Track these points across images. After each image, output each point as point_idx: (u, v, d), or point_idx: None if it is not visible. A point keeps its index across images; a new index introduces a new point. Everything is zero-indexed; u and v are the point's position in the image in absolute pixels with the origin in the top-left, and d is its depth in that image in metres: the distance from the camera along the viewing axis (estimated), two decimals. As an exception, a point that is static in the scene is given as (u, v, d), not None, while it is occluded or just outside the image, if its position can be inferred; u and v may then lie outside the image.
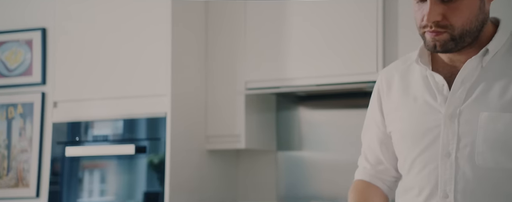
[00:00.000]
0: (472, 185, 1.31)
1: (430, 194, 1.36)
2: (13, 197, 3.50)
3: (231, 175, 3.16)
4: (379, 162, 1.53)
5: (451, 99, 1.36)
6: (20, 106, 3.63)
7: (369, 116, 1.56)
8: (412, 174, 1.41)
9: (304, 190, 3.03)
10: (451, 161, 1.34)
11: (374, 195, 1.52)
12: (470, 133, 1.33)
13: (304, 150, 3.06)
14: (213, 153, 3.01)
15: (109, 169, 2.88)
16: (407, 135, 1.42)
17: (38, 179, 3.47)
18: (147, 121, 2.79)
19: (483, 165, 1.31)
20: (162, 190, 2.70)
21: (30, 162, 3.52)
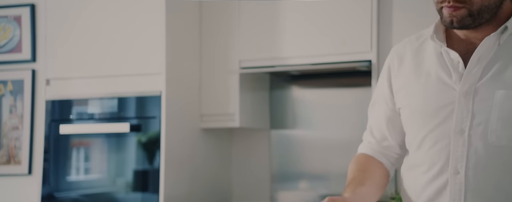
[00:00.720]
0: (483, 162, 1.32)
1: (440, 171, 1.37)
2: (5, 174, 3.50)
3: (225, 153, 3.18)
4: (385, 138, 1.53)
5: (466, 77, 1.35)
6: (10, 83, 3.60)
7: (378, 91, 1.55)
8: (422, 150, 1.41)
9: (297, 168, 3.06)
10: (464, 138, 1.34)
11: (376, 167, 1.51)
12: (484, 110, 1.32)
13: (297, 128, 3.08)
14: (207, 132, 3.02)
15: (103, 147, 2.88)
16: (418, 112, 1.42)
17: (30, 157, 3.47)
18: (142, 99, 2.79)
19: (496, 142, 1.31)
20: (158, 168, 2.71)
21: (22, 139, 3.51)
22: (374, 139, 1.54)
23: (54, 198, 2.92)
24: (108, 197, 2.81)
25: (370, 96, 2.63)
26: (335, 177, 2.95)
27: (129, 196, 2.78)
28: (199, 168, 2.96)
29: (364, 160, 1.53)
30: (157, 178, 2.71)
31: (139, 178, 2.78)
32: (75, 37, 2.95)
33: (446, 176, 1.35)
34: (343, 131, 2.96)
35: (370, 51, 2.66)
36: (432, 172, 1.38)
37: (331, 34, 2.75)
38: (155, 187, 2.71)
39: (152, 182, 2.73)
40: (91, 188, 2.88)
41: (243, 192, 3.16)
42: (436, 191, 1.37)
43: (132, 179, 2.79)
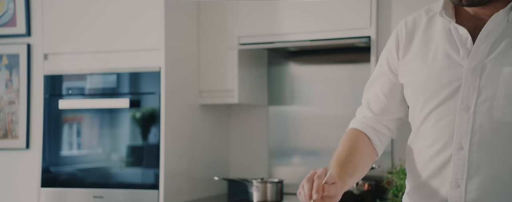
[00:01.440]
0: (487, 138, 1.32)
1: (444, 146, 1.37)
2: (2, 148, 3.51)
3: (223, 129, 3.20)
4: (385, 112, 1.53)
5: (474, 53, 1.35)
6: (5, 57, 3.58)
7: (383, 63, 1.54)
8: (427, 125, 1.41)
9: (294, 143, 3.09)
10: (469, 115, 1.34)
11: (364, 146, 1.51)
12: (491, 87, 1.32)
13: (295, 104, 3.10)
14: (206, 108, 3.03)
15: (102, 123, 2.89)
16: (424, 87, 1.41)
17: (27, 131, 3.47)
18: (141, 75, 2.79)
19: (502, 119, 1.32)
20: (157, 143, 2.72)
21: (18, 114, 3.50)
22: (371, 113, 1.54)
23: (51, 172, 2.93)
24: (106, 172, 2.83)
25: (368, 72, 2.65)
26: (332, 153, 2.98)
27: (128, 171, 2.80)
28: (198, 143, 2.97)
29: (356, 138, 1.52)
30: (157, 153, 2.72)
31: (138, 153, 2.79)
32: (73, 12, 2.92)
33: (450, 151, 1.36)
34: (341, 107, 2.98)
35: (369, 27, 2.65)
36: (436, 147, 1.39)
37: (330, 10, 2.74)
38: (155, 162, 2.73)
39: (152, 157, 2.75)
40: (88, 162, 2.89)
41: (241, 167, 3.19)
42: (439, 166, 1.39)
43: (131, 155, 2.81)
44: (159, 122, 2.73)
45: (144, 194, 2.72)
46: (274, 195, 2.67)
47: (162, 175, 2.69)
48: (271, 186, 2.66)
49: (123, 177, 2.79)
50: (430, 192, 1.41)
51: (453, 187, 1.36)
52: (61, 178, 2.91)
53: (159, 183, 2.69)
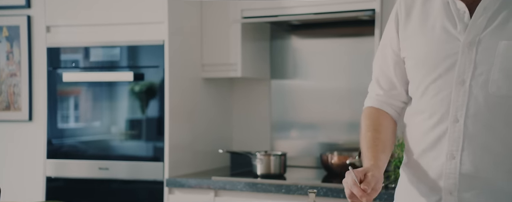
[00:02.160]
0: (482, 111, 1.36)
1: (441, 118, 1.41)
2: (6, 120, 3.52)
3: (225, 102, 3.21)
4: (393, 86, 1.57)
5: (471, 27, 1.37)
6: (5, 28, 3.56)
7: (385, 40, 1.58)
8: (425, 99, 1.45)
9: (296, 117, 3.11)
10: (465, 88, 1.37)
11: (386, 120, 1.57)
12: (487, 61, 1.35)
13: (298, 78, 3.11)
14: (209, 81, 3.04)
15: (104, 96, 2.90)
16: (423, 62, 1.45)
17: (29, 103, 3.48)
18: (144, 48, 2.79)
19: (497, 92, 1.35)
20: (162, 116, 2.74)
21: (20, 86, 3.51)
22: (382, 90, 1.59)
23: (55, 144, 2.95)
24: (111, 144, 2.85)
25: (372, 46, 2.66)
26: (335, 126, 3.01)
27: (132, 144, 2.82)
28: (201, 117, 2.99)
29: (375, 116, 1.58)
30: (161, 126, 2.74)
31: (142, 126, 2.81)
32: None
33: (446, 124, 1.40)
34: (343, 81, 2.99)
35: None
36: (433, 120, 1.43)
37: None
38: (159, 134, 2.75)
39: (156, 130, 2.77)
40: (92, 135, 2.91)
41: (243, 140, 3.22)
42: (436, 138, 1.42)
43: (135, 127, 2.83)
44: (163, 95, 2.74)
45: (148, 166, 2.75)
46: (278, 168, 2.70)
47: (167, 147, 2.72)
48: (274, 158, 2.69)
49: (127, 149, 2.81)
50: (426, 164, 1.45)
51: (449, 159, 1.39)
52: (65, 150, 2.93)
53: (164, 155, 2.72)
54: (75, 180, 2.88)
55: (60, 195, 2.78)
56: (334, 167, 2.68)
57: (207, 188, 2.60)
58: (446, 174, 1.40)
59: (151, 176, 2.74)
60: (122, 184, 2.81)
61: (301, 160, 3.05)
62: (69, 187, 2.88)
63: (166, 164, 2.71)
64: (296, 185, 2.44)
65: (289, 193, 2.45)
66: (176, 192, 2.68)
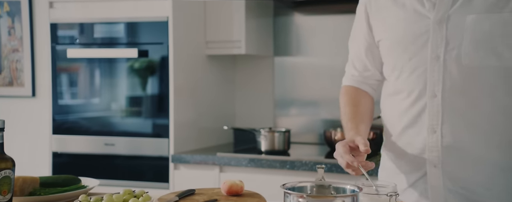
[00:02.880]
0: (458, 84, 1.43)
1: (419, 95, 1.48)
2: (9, 96, 3.53)
3: (229, 79, 3.23)
4: (366, 69, 1.66)
5: (439, 5, 1.44)
6: (6, 3, 3.55)
7: (356, 26, 1.66)
8: (402, 78, 1.52)
9: (299, 94, 3.13)
10: (439, 64, 1.44)
11: (363, 97, 1.67)
12: (457, 35, 1.42)
13: (301, 55, 3.12)
14: (212, 58, 3.05)
15: (108, 72, 2.90)
16: (396, 43, 1.51)
17: (32, 79, 3.48)
18: (148, 24, 2.79)
19: (469, 64, 1.41)
20: (166, 93, 2.76)
21: (23, 61, 3.51)
22: (357, 71, 1.69)
23: (60, 120, 2.97)
24: (116, 120, 2.87)
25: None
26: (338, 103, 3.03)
27: (137, 121, 2.84)
28: (204, 94, 3.01)
29: (353, 93, 1.68)
30: (166, 103, 2.76)
31: (147, 103, 2.83)
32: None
33: (424, 99, 1.47)
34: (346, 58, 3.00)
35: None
36: (411, 97, 1.50)
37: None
38: (164, 111, 2.77)
39: (161, 107, 2.79)
40: (96, 111, 2.93)
41: (246, 117, 3.24)
42: (416, 115, 1.49)
43: (139, 104, 2.84)
44: (167, 72, 2.75)
45: (154, 142, 2.78)
46: (282, 144, 2.73)
47: (171, 124, 2.74)
48: (278, 135, 2.72)
49: (133, 126, 2.83)
50: (407, 141, 1.52)
51: (430, 133, 1.46)
52: (70, 126, 2.95)
53: (169, 131, 2.74)
54: (81, 155, 2.90)
55: (66, 170, 2.81)
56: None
57: (212, 164, 2.63)
58: (429, 148, 1.46)
59: (157, 152, 2.77)
60: (127, 160, 2.84)
61: (304, 137, 3.08)
62: (75, 163, 2.91)
63: (171, 140, 2.74)
64: (301, 161, 2.48)
65: (293, 168, 2.49)
66: (181, 167, 2.72)
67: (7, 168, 1.42)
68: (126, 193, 1.37)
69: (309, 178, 2.46)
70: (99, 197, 1.34)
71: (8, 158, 1.43)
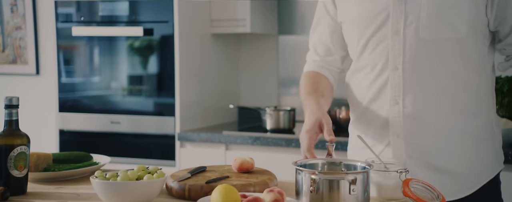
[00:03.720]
0: (417, 56, 1.50)
1: (382, 69, 1.55)
2: (13, 73, 3.54)
3: (233, 58, 3.24)
4: (329, 53, 1.71)
5: None
6: (8, -20, 3.53)
7: (321, 9, 1.71)
8: (365, 54, 1.59)
9: (303, 73, 3.14)
10: (399, 38, 1.51)
11: (323, 79, 1.71)
12: (415, 10, 1.49)
13: (305, 34, 3.12)
14: (217, 37, 3.05)
15: (113, 50, 2.91)
16: (359, 20, 1.58)
17: (36, 57, 3.48)
18: (154, 3, 2.78)
19: (427, 36, 1.48)
20: (172, 71, 2.77)
21: (26, 39, 3.50)
22: (319, 56, 1.73)
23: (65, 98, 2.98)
24: (122, 99, 2.89)
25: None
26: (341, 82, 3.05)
27: (143, 99, 2.85)
28: (209, 73, 3.02)
29: (313, 75, 1.72)
30: (171, 82, 2.77)
31: (153, 81, 2.84)
32: None
33: (387, 73, 1.54)
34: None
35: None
36: (374, 72, 1.57)
37: None
38: (169, 90, 2.78)
39: (166, 86, 2.80)
40: (102, 89, 2.94)
41: (251, 96, 3.26)
42: (379, 89, 1.56)
43: (145, 83, 2.85)
44: (173, 50, 2.76)
45: (160, 120, 2.79)
46: (287, 123, 2.75)
47: (177, 102, 2.76)
48: (283, 113, 2.74)
49: (139, 104, 2.85)
50: (372, 115, 1.59)
51: (392, 104, 1.53)
52: (76, 104, 2.97)
53: (175, 110, 2.76)
54: (88, 133, 2.92)
55: (73, 148, 2.83)
56: (342, 122, 2.73)
57: (218, 142, 2.66)
58: (392, 119, 1.54)
59: (163, 131, 2.79)
60: (133, 138, 2.86)
61: (308, 115, 3.10)
62: (81, 140, 2.93)
63: (177, 118, 2.76)
64: (306, 140, 2.50)
65: (299, 147, 2.50)
66: (187, 145, 2.74)
67: (23, 144, 1.43)
68: (140, 169, 1.39)
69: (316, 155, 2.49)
70: (114, 173, 1.36)
71: (23, 134, 1.45)
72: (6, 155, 1.40)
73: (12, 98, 1.44)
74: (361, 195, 1.25)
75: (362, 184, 1.24)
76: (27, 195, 1.44)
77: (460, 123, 1.52)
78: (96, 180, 1.32)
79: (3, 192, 1.36)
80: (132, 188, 1.31)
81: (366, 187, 1.26)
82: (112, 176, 1.35)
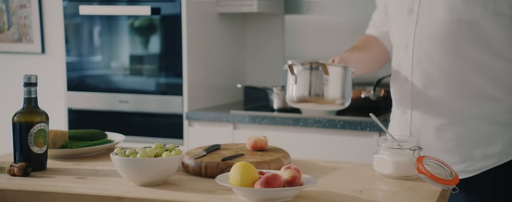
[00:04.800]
0: (426, 37, 1.55)
1: (399, 47, 1.64)
2: (18, 52, 3.54)
3: (239, 38, 3.24)
4: (383, 23, 1.77)
5: None
6: (11, -43, 3.51)
7: None
8: (392, 32, 1.69)
9: (309, 52, 3.15)
10: (413, 17, 1.57)
11: (377, 44, 1.77)
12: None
13: (312, 13, 3.13)
14: (223, 16, 3.06)
15: (119, 29, 2.91)
16: (391, 4, 1.68)
17: (41, 35, 3.48)
18: (161, -19, 2.78)
19: (436, 18, 1.52)
20: (180, 50, 2.78)
21: (31, 17, 3.50)
22: (375, 24, 1.81)
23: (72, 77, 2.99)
24: (129, 78, 2.90)
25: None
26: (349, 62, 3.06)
27: (150, 78, 2.87)
28: (215, 52, 3.03)
29: (367, 38, 1.80)
30: (179, 61, 2.78)
31: (160, 60, 2.85)
32: None
33: (402, 52, 1.61)
34: (357, 15, 3.02)
35: None
36: (395, 50, 1.66)
37: None
38: (177, 69, 2.79)
39: (174, 65, 2.81)
40: (109, 68, 2.95)
41: (256, 76, 3.27)
42: (397, 66, 1.65)
43: (152, 62, 2.86)
44: (180, 30, 2.76)
45: (167, 99, 2.81)
46: (293, 102, 2.77)
47: (185, 81, 2.78)
48: (290, 93, 2.76)
49: (146, 83, 2.86)
50: (393, 91, 1.70)
51: (404, 81, 1.60)
52: (84, 83, 2.98)
53: (183, 89, 2.78)
54: (96, 112, 2.94)
55: (81, 127, 2.85)
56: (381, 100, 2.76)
57: (225, 121, 2.68)
58: (401, 96, 1.63)
59: (170, 110, 2.81)
60: (142, 117, 2.88)
61: (314, 95, 3.12)
62: (90, 119, 2.95)
63: (185, 98, 2.78)
64: (314, 118, 2.52)
65: (307, 126, 2.54)
66: (195, 125, 2.77)
67: (42, 121, 1.46)
68: (157, 147, 1.41)
69: (322, 135, 2.52)
70: (133, 150, 1.38)
71: (42, 112, 1.47)
72: (27, 132, 1.43)
73: (30, 76, 1.45)
74: (336, 87, 1.47)
75: (336, 77, 1.47)
76: (47, 171, 1.47)
77: (473, 106, 1.51)
78: (117, 157, 1.34)
79: (25, 168, 1.39)
80: (151, 165, 1.33)
81: (344, 82, 1.48)
82: (131, 153, 1.37)
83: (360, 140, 2.44)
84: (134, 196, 1.25)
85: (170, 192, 1.28)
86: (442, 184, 1.26)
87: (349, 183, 1.36)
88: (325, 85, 1.49)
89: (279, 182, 1.21)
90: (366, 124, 2.43)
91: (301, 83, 1.49)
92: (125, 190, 1.29)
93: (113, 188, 1.31)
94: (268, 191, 1.20)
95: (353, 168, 1.52)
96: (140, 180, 1.34)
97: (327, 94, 1.50)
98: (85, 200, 1.26)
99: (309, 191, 1.27)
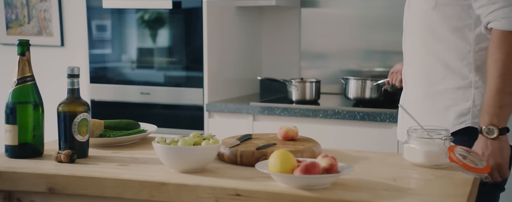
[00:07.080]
0: (411, 25, 1.77)
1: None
2: (39, 44, 3.59)
3: (256, 31, 3.29)
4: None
5: None
6: (30, -48, 3.55)
7: None
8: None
9: (325, 45, 3.20)
10: (408, 7, 1.80)
11: None
12: None
13: (328, 6, 3.17)
14: (241, 10, 3.10)
15: (142, 23, 2.96)
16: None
17: (61, 29, 3.54)
18: (181, -25, 2.83)
19: (416, 7, 1.73)
20: (201, 44, 2.83)
21: (51, 11, 3.55)
22: None
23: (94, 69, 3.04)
24: (151, 71, 2.95)
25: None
26: (364, 54, 3.11)
27: (171, 71, 2.92)
28: (233, 45, 3.08)
29: None
30: (199, 54, 2.83)
31: (180, 53, 2.89)
32: None
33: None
34: (371, 9, 3.06)
35: None
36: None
37: None
38: (197, 62, 2.84)
39: (194, 58, 2.86)
40: (130, 61, 3.00)
41: (272, 69, 3.32)
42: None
43: (173, 55, 2.91)
44: (201, 23, 2.81)
45: (188, 92, 2.87)
46: (312, 94, 2.82)
47: (206, 73, 2.83)
48: (309, 85, 2.81)
49: (167, 75, 2.92)
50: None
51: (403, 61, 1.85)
52: (106, 75, 3.03)
53: (203, 81, 2.83)
54: (118, 103, 3.00)
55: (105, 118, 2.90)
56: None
57: (245, 112, 2.73)
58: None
59: (191, 101, 2.86)
60: (163, 108, 2.94)
61: (331, 87, 3.17)
62: (111, 111, 3.01)
63: (206, 90, 2.83)
64: (334, 110, 2.58)
65: (326, 117, 2.59)
66: (215, 116, 2.82)
67: (84, 111, 1.51)
68: (195, 136, 1.46)
69: (342, 126, 2.57)
70: (173, 139, 1.44)
71: (84, 102, 1.53)
72: (71, 121, 1.49)
73: (74, 68, 1.51)
74: None
75: None
76: (89, 158, 1.52)
77: (428, 86, 1.72)
78: (159, 145, 1.40)
79: (71, 155, 1.45)
80: (192, 153, 1.39)
81: None
82: (172, 141, 1.43)
83: (378, 131, 2.50)
84: (178, 182, 1.31)
85: (211, 179, 1.34)
86: (474, 172, 1.31)
87: (381, 171, 1.42)
88: None
89: (318, 170, 1.27)
90: (386, 116, 2.48)
91: None
92: (169, 177, 1.35)
93: (156, 174, 1.37)
94: (308, 178, 1.25)
95: (382, 157, 1.57)
96: (181, 167, 1.40)
97: None
98: (131, 185, 1.31)
99: (345, 179, 1.33)
